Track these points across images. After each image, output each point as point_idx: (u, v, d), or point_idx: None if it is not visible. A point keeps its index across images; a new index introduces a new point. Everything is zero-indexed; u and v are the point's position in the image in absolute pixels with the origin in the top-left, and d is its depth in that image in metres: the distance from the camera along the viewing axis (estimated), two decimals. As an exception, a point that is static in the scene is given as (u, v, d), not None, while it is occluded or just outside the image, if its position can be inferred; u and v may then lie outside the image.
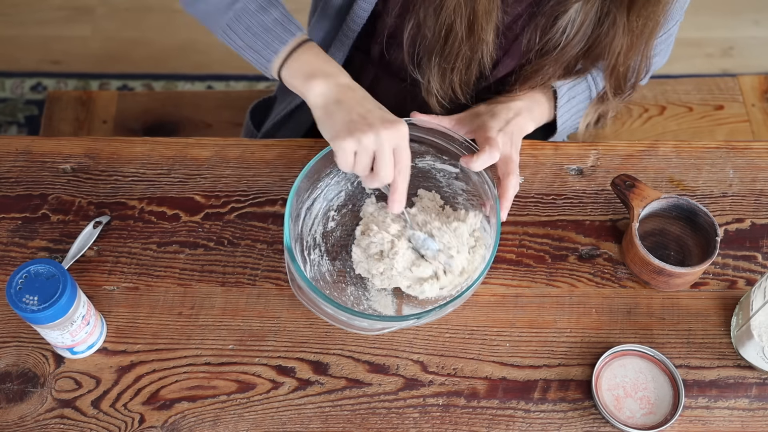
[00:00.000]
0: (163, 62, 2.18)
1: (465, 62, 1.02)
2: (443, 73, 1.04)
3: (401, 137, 0.92)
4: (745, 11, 2.33)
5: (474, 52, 1.01)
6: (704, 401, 0.98)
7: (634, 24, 0.93)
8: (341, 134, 0.92)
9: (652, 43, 0.99)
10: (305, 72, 0.97)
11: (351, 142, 0.91)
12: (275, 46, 0.99)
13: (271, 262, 1.06)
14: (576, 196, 1.12)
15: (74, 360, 1.00)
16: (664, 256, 1.03)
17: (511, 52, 1.07)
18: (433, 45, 1.01)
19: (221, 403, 0.98)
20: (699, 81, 1.72)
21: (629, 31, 0.95)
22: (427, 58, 1.04)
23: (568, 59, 1.01)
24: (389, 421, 0.97)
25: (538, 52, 1.03)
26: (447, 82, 1.05)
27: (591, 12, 0.94)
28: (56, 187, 1.11)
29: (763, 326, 0.95)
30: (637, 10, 0.93)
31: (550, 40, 1.00)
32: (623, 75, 1.01)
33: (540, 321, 1.03)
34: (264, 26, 1.00)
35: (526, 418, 0.97)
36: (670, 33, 1.11)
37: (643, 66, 1.02)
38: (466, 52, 1.00)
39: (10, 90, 2.15)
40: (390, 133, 0.91)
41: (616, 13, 0.93)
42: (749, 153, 1.16)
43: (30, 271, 0.91)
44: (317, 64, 0.98)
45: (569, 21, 0.96)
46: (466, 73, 1.04)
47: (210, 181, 1.12)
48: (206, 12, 1.04)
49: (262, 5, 1.01)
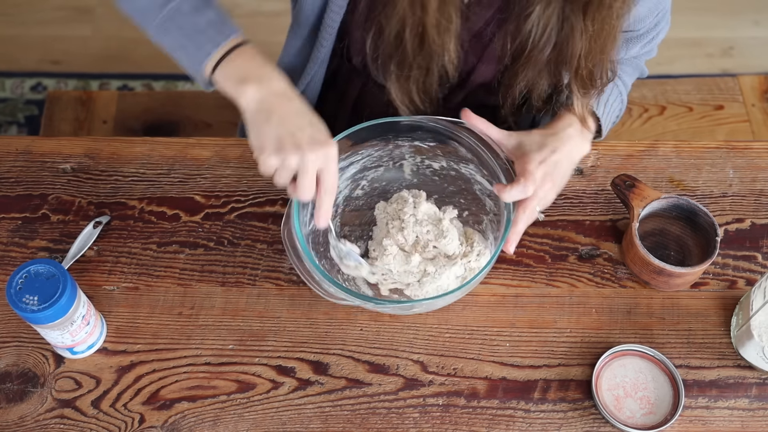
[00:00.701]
0: (163, 62, 2.16)
1: (421, 71, 1.00)
2: (399, 80, 1.02)
3: (328, 159, 0.91)
4: (745, 11, 2.33)
5: (429, 61, 0.99)
6: (704, 401, 0.98)
7: (590, 28, 0.94)
8: (266, 149, 0.91)
9: (610, 49, 0.99)
10: (238, 76, 0.95)
11: (275, 159, 0.90)
12: (207, 48, 0.96)
13: (271, 262, 1.06)
14: (576, 196, 1.12)
15: (74, 360, 1.00)
16: (664, 256, 1.03)
17: (485, 57, 1.07)
18: (389, 52, 1.00)
19: (221, 403, 0.98)
20: (699, 81, 1.72)
21: (586, 36, 0.95)
22: (386, 65, 1.02)
23: (540, 64, 1.01)
24: (389, 421, 0.97)
25: (512, 57, 1.03)
26: (404, 90, 1.03)
27: (553, 17, 0.94)
28: (56, 187, 1.11)
29: (763, 326, 0.95)
30: (591, 14, 0.93)
31: (520, 44, 0.99)
32: (588, 77, 1.01)
33: (540, 321, 1.03)
34: (197, 28, 0.97)
35: (526, 418, 0.97)
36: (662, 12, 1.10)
37: (606, 68, 1.01)
38: (420, 62, 0.99)
39: (10, 90, 2.15)
40: (316, 155, 0.90)
41: (573, 17, 0.94)
42: (749, 153, 1.16)
43: (30, 271, 0.91)
44: (251, 68, 0.95)
45: (533, 25, 0.96)
46: (424, 82, 1.02)
47: (210, 181, 1.12)
48: (138, 10, 1.01)
49: (195, 6, 0.98)
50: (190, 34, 0.97)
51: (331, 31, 1.06)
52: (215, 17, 0.98)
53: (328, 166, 0.92)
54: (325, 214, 0.94)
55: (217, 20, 0.98)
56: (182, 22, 0.98)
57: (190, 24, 0.97)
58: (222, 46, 0.96)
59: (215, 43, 0.96)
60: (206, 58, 0.96)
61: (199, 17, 0.98)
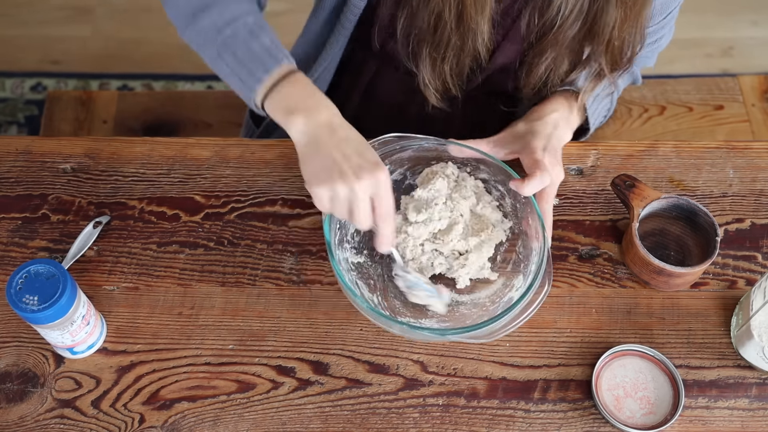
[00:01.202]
0: (163, 62, 2.18)
1: (455, 52, 1.01)
2: (434, 63, 1.02)
3: (378, 185, 0.90)
4: (744, 12, 2.33)
5: (464, 41, 0.99)
6: (704, 401, 0.98)
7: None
8: (314, 181, 0.90)
9: (645, 15, 0.98)
10: (286, 106, 0.93)
11: (324, 191, 0.89)
12: (260, 74, 0.95)
13: (271, 262, 1.06)
14: (576, 196, 1.12)
15: (74, 360, 1.00)
16: (664, 256, 1.03)
17: (511, 36, 1.06)
18: (424, 35, 1.00)
19: (221, 403, 0.98)
20: (699, 81, 1.72)
21: (622, 4, 0.94)
22: (419, 48, 1.02)
23: (567, 40, 1.00)
24: (389, 421, 0.97)
25: (537, 35, 1.02)
26: (438, 73, 1.04)
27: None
28: (56, 187, 1.11)
29: (763, 326, 0.95)
30: None
31: (548, 20, 0.99)
32: (618, 49, 1.00)
33: (540, 321, 1.03)
34: (251, 54, 0.96)
35: (526, 418, 0.97)
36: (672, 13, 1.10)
37: (638, 39, 1.01)
38: (456, 41, 0.99)
39: (10, 90, 2.15)
40: (365, 183, 0.88)
41: None
42: (749, 153, 1.16)
43: (30, 271, 0.91)
44: (299, 98, 0.94)
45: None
46: (458, 64, 1.03)
47: (210, 181, 1.12)
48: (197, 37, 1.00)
49: (252, 31, 0.97)
50: (243, 60, 0.95)
51: (356, 12, 1.06)
52: (269, 44, 0.96)
53: (379, 192, 0.90)
54: (386, 240, 0.93)
55: (270, 46, 0.96)
56: (237, 47, 0.96)
57: (244, 49, 0.96)
58: (273, 73, 0.94)
59: (266, 69, 0.94)
60: (257, 85, 0.95)
61: (253, 42, 0.96)
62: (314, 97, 0.94)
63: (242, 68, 0.96)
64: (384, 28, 1.08)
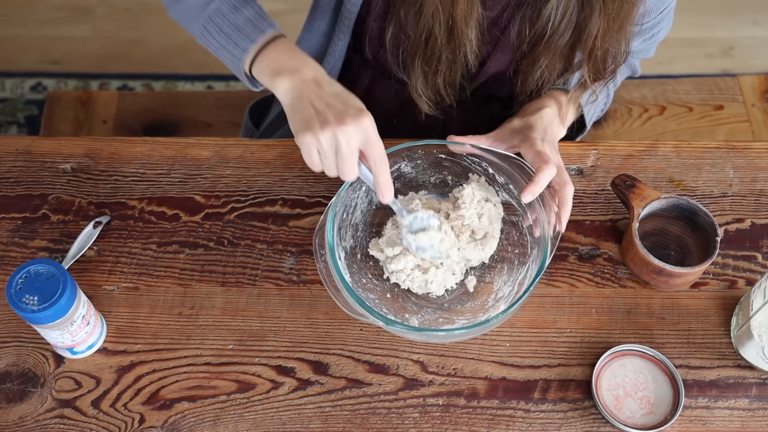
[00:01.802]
0: (163, 62, 2.18)
1: (447, 64, 1.01)
2: (426, 76, 1.03)
3: (364, 130, 0.89)
4: (745, 11, 2.33)
5: (456, 54, 1.00)
6: (704, 401, 0.98)
7: (610, 6, 0.94)
8: (300, 130, 0.90)
9: (627, 27, 0.99)
10: (272, 69, 0.95)
11: (310, 138, 0.89)
12: (244, 44, 0.97)
13: (271, 262, 1.06)
14: (576, 196, 1.11)
15: (74, 360, 1.00)
16: (664, 256, 1.03)
17: (501, 45, 1.07)
18: (415, 48, 1.01)
19: (221, 403, 0.98)
20: (699, 81, 1.72)
21: (605, 14, 0.95)
22: (410, 60, 1.03)
23: (559, 48, 1.01)
24: (389, 421, 0.97)
25: (529, 44, 1.03)
26: (431, 84, 1.04)
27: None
28: (56, 187, 1.11)
29: (763, 326, 0.95)
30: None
31: (539, 29, 1.00)
32: (601, 59, 1.01)
33: (540, 321, 1.03)
34: (235, 26, 0.98)
35: (526, 418, 0.97)
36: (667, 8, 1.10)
37: (620, 51, 1.02)
38: (448, 55, 1.00)
39: (10, 90, 2.15)
40: (349, 129, 0.88)
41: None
42: (749, 153, 1.16)
43: (30, 271, 0.91)
44: (284, 60, 0.95)
45: (552, 9, 0.96)
46: (450, 75, 1.03)
47: (210, 181, 1.12)
48: (184, 14, 1.03)
49: (235, 5, 0.99)
50: (229, 33, 0.98)
51: (348, 23, 1.07)
52: (253, 14, 0.99)
53: (368, 137, 0.90)
54: (385, 187, 0.92)
55: (254, 17, 0.99)
56: (221, 22, 0.99)
57: (229, 23, 0.98)
58: (258, 42, 0.97)
59: (252, 39, 0.97)
60: (243, 55, 0.97)
61: (237, 15, 0.99)
62: (299, 58, 0.96)
63: (228, 41, 0.98)
64: (374, 38, 1.09)
